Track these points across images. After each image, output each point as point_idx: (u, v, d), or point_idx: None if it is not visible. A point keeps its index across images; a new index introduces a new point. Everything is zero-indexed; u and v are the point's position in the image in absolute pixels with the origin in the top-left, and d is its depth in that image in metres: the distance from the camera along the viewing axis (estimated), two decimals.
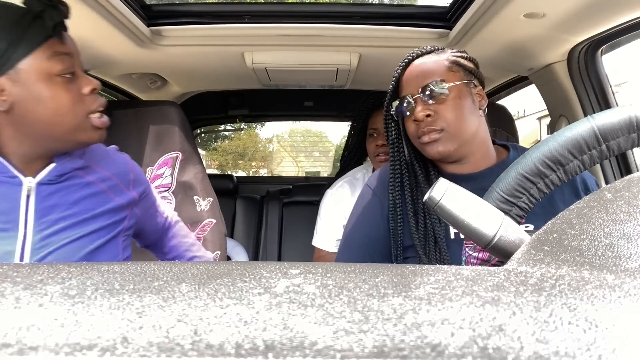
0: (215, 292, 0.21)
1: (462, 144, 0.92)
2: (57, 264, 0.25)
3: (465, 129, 0.92)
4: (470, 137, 0.93)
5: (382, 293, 0.21)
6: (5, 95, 0.71)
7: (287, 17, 1.37)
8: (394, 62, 1.68)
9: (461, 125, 0.92)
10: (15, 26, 0.70)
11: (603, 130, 0.47)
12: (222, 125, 4.01)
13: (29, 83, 0.72)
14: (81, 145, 0.82)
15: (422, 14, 1.42)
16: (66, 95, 0.75)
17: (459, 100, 0.92)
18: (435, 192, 0.43)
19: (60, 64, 0.74)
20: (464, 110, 0.92)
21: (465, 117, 0.92)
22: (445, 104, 0.91)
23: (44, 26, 0.72)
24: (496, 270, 0.26)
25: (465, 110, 0.92)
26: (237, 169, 17.92)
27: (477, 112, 0.94)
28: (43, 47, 0.72)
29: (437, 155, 0.94)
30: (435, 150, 0.93)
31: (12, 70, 0.71)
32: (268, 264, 0.26)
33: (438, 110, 0.92)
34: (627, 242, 0.26)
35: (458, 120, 0.91)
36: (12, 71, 0.71)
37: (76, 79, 0.77)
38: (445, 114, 0.91)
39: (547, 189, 0.49)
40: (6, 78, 0.71)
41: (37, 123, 0.74)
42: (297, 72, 1.70)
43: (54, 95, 0.74)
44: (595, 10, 1.09)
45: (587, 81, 1.38)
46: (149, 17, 1.36)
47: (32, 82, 0.72)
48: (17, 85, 0.71)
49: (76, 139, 0.79)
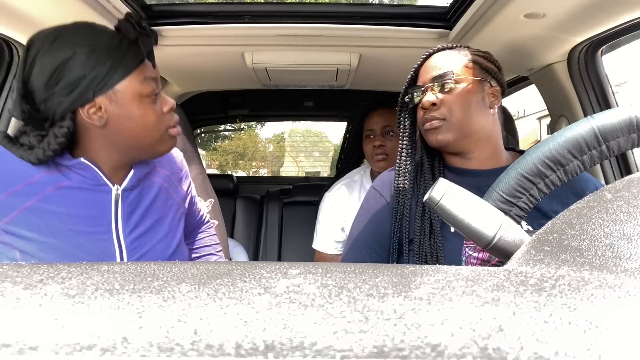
0: (215, 292, 0.21)
1: (462, 137, 0.95)
2: (57, 264, 0.25)
3: (468, 123, 0.94)
4: (472, 132, 0.95)
5: (382, 293, 0.21)
6: (102, 112, 0.79)
7: (287, 17, 1.37)
8: (394, 62, 1.69)
9: (464, 118, 0.94)
10: (115, 52, 0.78)
11: (603, 130, 0.47)
12: (222, 125, 4.01)
13: (124, 103, 0.80)
14: (160, 154, 0.91)
15: (422, 14, 1.42)
16: (152, 114, 0.83)
17: (466, 95, 0.94)
18: (436, 192, 0.43)
19: (149, 87, 0.82)
20: (470, 105, 0.94)
21: (470, 111, 0.94)
22: (452, 96, 0.95)
23: (139, 52, 0.80)
24: (496, 270, 0.26)
25: (471, 105, 0.94)
26: (237, 169, 17.91)
27: (486, 111, 0.96)
28: (137, 71, 0.80)
29: (435, 143, 0.97)
30: (434, 137, 0.96)
31: (111, 91, 0.79)
32: (268, 264, 0.26)
33: (444, 101, 0.95)
34: (627, 243, 0.26)
35: (461, 112, 0.94)
36: (111, 92, 0.79)
37: (158, 99, 0.86)
38: (450, 104, 0.94)
39: (547, 189, 0.49)
40: (104, 97, 0.79)
41: (127, 137, 0.83)
42: (297, 72, 1.70)
43: (143, 114, 0.82)
44: (595, 10, 1.09)
45: (587, 81, 1.38)
46: (149, 17, 1.36)
47: (126, 102, 0.80)
48: (113, 104, 0.79)
49: (157, 149, 0.88)
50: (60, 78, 0.76)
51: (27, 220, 0.79)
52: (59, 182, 0.82)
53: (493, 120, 0.98)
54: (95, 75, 0.77)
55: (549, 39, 1.25)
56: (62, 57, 0.75)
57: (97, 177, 0.84)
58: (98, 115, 0.79)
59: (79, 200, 0.83)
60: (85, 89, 0.77)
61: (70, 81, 0.76)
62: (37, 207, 0.79)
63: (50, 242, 0.80)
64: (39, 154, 0.78)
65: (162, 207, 0.94)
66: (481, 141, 0.97)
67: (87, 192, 0.84)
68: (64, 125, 0.78)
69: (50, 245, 0.80)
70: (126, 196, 0.88)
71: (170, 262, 0.26)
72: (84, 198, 0.83)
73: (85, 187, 0.84)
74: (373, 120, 1.65)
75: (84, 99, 0.77)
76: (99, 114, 0.79)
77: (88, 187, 0.84)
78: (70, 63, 0.76)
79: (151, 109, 0.83)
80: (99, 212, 0.85)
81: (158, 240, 0.91)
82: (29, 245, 0.79)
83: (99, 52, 0.77)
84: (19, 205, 0.79)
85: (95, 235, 0.83)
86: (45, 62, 0.76)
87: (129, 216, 0.88)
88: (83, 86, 0.76)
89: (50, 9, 1.09)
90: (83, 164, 0.82)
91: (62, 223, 0.81)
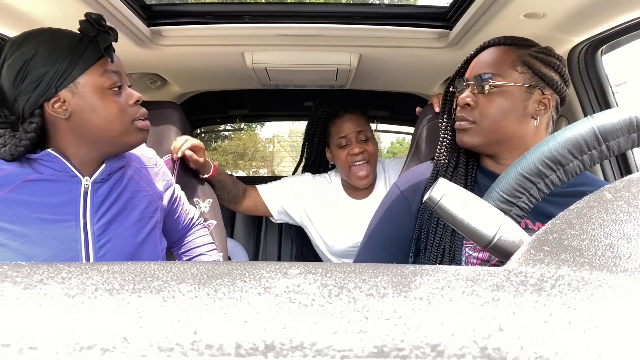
0: (215, 292, 0.21)
1: (491, 143, 0.92)
2: (57, 264, 0.25)
3: (499, 130, 0.91)
4: (504, 139, 0.92)
5: (382, 293, 0.21)
6: (66, 105, 0.86)
7: (287, 17, 1.37)
8: (394, 62, 1.69)
9: (495, 124, 0.91)
10: (74, 48, 0.85)
11: (603, 130, 0.47)
12: (222, 125, 4.01)
13: (85, 95, 0.86)
14: (129, 147, 0.96)
15: (422, 14, 1.42)
16: (115, 105, 0.89)
17: (504, 101, 0.90)
18: (435, 192, 0.43)
19: (110, 80, 0.88)
20: (506, 112, 0.90)
21: (504, 118, 0.90)
22: (489, 99, 0.91)
23: (97, 48, 0.86)
24: (496, 270, 0.26)
25: (508, 112, 0.90)
26: (237, 169, 17.90)
27: (526, 119, 0.91)
28: (96, 65, 0.87)
29: (461, 144, 0.95)
30: (461, 138, 0.94)
31: (72, 84, 0.85)
32: (268, 264, 0.26)
33: (480, 103, 0.92)
34: (627, 242, 0.26)
35: (494, 118, 0.90)
36: (72, 85, 0.85)
37: (122, 92, 0.92)
38: (484, 108, 0.91)
39: (547, 189, 0.49)
40: (67, 91, 0.85)
41: (92, 129, 0.88)
42: (297, 72, 1.70)
43: (105, 105, 0.88)
44: (595, 10, 1.09)
45: (587, 81, 1.38)
46: (149, 17, 1.36)
47: (87, 94, 0.86)
48: (75, 96, 0.86)
49: (124, 141, 0.93)
50: (26, 76, 0.83)
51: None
52: (30, 174, 0.88)
53: (535, 130, 0.92)
54: (55, 71, 0.83)
55: (548, 39, 1.25)
56: (26, 56, 0.83)
57: (66, 169, 0.90)
58: (63, 109, 0.86)
59: (48, 191, 0.88)
60: (48, 84, 0.83)
61: (34, 78, 0.83)
62: (8, 198, 0.85)
63: (17, 230, 0.85)
64: (11, 150, 0.84)
65: (131, 197, 0.99)
66: (515, 149, 0.92)
67: (57, 184, 0.89)
68: (33, 121, 0.84)
69: (17, 233, 0.85)
70: (96, 188, 0.93)
71: (170, 262, 0.26)
72: (53, 188, 0.89)
73: (55, 178, 0.89)
74: (344, 127, 1.59)
75: (47, 93, 0.84)
76: (64, 107, 0.85)
77: (58, 178, 0.89)
78: (33, 61, 0.83)
79: (113, 100, 0.89)
80: (67, 201, 0.90)
81: (125, 228, 0.96)
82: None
83: (58, 50, 0.84)
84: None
85: (61, 223, 0.88)
86: (11, 63, 0.83)
87: (98, 206, 0.93)
88: (45, 81, 0.83)
89: (50, 9, 1.09)
90: (51, 155, 0.88)
91: (31, 212, 0.86)
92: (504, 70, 0.91)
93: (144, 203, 1.02)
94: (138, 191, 1.02)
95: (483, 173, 0.98)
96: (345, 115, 1.61)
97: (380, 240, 1.02)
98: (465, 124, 0.93)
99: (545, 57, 0.93)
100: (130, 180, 1.01)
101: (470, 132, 0.93)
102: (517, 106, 0.90)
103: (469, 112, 0.93)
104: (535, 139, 0.93)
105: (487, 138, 0.92)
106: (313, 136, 1.72)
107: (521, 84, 0.90)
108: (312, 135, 1.72)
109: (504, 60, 0.92)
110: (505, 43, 0.95)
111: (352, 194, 1.66)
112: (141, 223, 1.00)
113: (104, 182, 0.95)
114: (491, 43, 0.96)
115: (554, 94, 0.92)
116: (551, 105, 0.93)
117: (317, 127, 1.69)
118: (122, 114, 0.90)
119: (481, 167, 0.98)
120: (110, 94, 0.89)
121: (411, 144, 1.50)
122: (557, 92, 0.92)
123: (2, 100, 0.86)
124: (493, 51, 0.95)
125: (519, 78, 0.91)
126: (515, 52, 0.93)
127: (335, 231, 1.62)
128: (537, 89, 0.91)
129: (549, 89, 0.92)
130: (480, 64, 0.94)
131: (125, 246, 0.96)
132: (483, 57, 0.95)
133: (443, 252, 0.90)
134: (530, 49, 0.94)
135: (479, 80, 0.92)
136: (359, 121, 1.61)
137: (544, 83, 0.91)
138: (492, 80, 0.91)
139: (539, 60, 0.92)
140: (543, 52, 0.94)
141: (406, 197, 1.00)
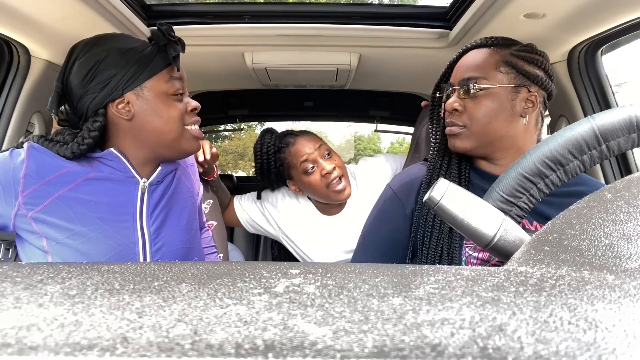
0: (215, 292, 0.21)
1: (483, 145, 0.92)
2: (57, 264, 0.25)
3: (490, 131, 0.91)
4: (495, 140, 0.92)
5: (382, 293, 0.21)
6: (130, 107, 0.89)
7: (287, 17, 1.37)
8: (394, 62, 1.69)
9: (485, 127, 0.91)
10: (144, 54, 0.90)
11: (603, 130, 0.47)
12: (222, 125, 4.01)
13: (149, 99, 0.90)
14: (184, 153, 0.99)
15: (422, 14, 1.42)
16: (175, 110, 0.93)
17: (491, 103, 0.90)
18: (435, 192, 0.43)
19: (174, 86, 0.93)
20: (495, 114, 0.90)
21: (493, 120, 0.90)
22: (476, 102, 0.91)
23: (165, 56, 0.91)
24: (496, 270, 0.26)
25: (497, 113, 0.90)
26: (237, 169, 17.88)
27: (514, 118, 0.91)
28: (163, 72, 0.91)
29: (454, 149, 0.95)
30: (452, 144, 0.94)
31: (138, 88, 0.89)
32: (268, 264, 0.26)
33: (468, 107, 0.92)
34: (627, 242, 0.26)
35: (483, 121, 0.90)
36: (138, 88, 0.89)
37: (183, 99, 0.95)
38: (472, 112, 0.91)
39: (547, 189, 0.49)
40: (132, 93, 0.89)
41: (151, 131, 0.92)
42: (297, 72, 1.70)
43: (166, 109, 0.92)
44: (595, 10, 1.08)
45: (587, 81, 1.38)
46: (149, 17, 1.36)
47: (151, 98, 0.90)
48: (139, 99, 0.90)
49: (180, 146, 0.96)
50: (95, 75, 0.86)
51: (58, 208, 0.85)
52: (90, 173, 0.89)
53: (525, 128, 0.92)
54: (125, 74, 0.87)
55: (548, 39, 1.25)
56: (98, 57, 0.87)
57: (126, 169, 0.92)
58: (126, 110, 0.89)
59: (108, 190, 0.91)
60: (115, 85, 0.87)
61: (103, 78, 0.87)
62: (68, 196, 0.86)
63: (77, 229, 0.86)
64: (73, 148, 0.86)
65: (181, 199, 1.02)
66: (508, 149, 0.92)
67: (116, 183, 0.91)
68: (98, 120, 0.87)
69: (77, 232, 0.86)
70: (152, 190, 0.96)
71: (170, 262, 0.26)
72: (112, 188, 0.91)
73: (115, 178, 0.91)
74: (303, 149, 1.45)
75: (114, 94, 0.87)
76: (127, 108, 0.89)
77: (117, 178, 0.92)
78: (104, 62, 0.87)
79: (175, 105, 0.93)
80: (125, 202, 0.92)
81: (178, 231, 0.99)
82: (57, 232, 0.85)
83: (129, 54, 0.88)
84: (52, 193, 0.85)
85: (119, 223, 0.90)
86: (83, 62, 0.87)
87: (153, 208, 0.95)
88: (114, 83, 0.87)
89: (50, 10, 1.09)
90: (113, 154, 0.91)
91: (90, 211, 0.88)
92: (488, 72, 0.91)
93: (188, 204, 1.04)
94: (184, 192, 1.04)
95: (477, 173, 0.97)
96: (297, 138, 1.50)
97: (375, 243, 1.01)
98: (455, 129, 0.93)
99: (528, 55, 0.93)
100: (179, 181, 1.03)
101: (461, 137, 0.93)
102: (505, 107, 0.90)
103: (457, 116, 0.93)
104: (526, 137, 0.93)
105: (479, 141, 0.92)
106: (269, 175, 1.55)
107: (506, 84, 0.90)
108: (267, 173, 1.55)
109: (487, 62, 0.92)
110: (486, 45, 0.95)
111: (326, 211, 1.57)
112: (189, 224, 1.02)
113: (159, 184, 0.97)
114: (473, 46, 0.96)
115: (540, 90, 0.93)
116: (538, 101, 0.93)
117: (269, 162, 1.53)
118: (181, 119, 0.93)
119: (474, 167, 0.98)
120: (173, 100, 0.92)
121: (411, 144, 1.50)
122: (542, 88, 0.93)
123: (67, 96, 0.89)
124: (475, 54, 0.94)
125: (503, 79, 0.91)
126: (498, 52, 0.93)
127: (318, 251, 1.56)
128: (523, 87, 0.91)
129: (534, 86, 0.92)
130: (464, 67, 0.94)
131: (178, 250, 0.97)
132: (466, 60, 0.95)
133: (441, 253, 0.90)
134: (512, 48, 0.94)
135: (464, 84, 0.92)
136: (313, 137, 1.51)
137: (529, 81, 0.91)
138: (478, 84, 0.91)
139: (522, 58, 0.92)
140: (525, 49, 0.94)
141: (400, 199, 0.98)
